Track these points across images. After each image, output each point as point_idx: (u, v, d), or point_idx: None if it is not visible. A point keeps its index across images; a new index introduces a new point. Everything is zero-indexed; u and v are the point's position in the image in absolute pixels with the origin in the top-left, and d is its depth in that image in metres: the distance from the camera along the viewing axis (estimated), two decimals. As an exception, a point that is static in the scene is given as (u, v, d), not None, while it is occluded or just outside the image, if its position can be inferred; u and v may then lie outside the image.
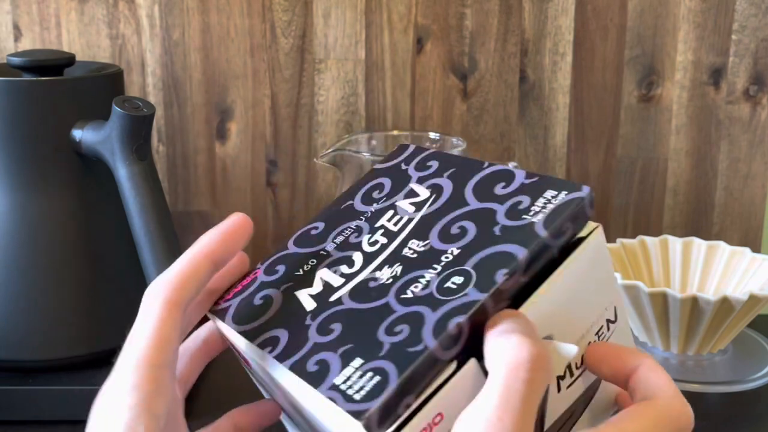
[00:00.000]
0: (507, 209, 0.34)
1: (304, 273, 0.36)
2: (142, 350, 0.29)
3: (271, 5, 0.76)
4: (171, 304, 0.30)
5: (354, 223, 0.38)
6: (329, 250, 0.36)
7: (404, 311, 0.31)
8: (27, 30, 0.76)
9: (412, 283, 0.32)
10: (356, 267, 0.35)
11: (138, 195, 0.53)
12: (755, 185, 0.80)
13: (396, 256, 0.34)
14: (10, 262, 0.57)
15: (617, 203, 0.81)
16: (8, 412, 0.57)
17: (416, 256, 0.34)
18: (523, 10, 0.77)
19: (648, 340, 0.68)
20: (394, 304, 0.31)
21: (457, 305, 0.30)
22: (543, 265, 0.32)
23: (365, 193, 0.39)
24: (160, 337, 0.29)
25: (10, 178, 0.57)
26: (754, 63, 0.77)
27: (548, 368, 0.27)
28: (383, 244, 0.35)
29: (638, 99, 0.79)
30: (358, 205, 0.39)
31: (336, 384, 0.29)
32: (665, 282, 0.72)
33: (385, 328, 0.30)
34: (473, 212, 0.35)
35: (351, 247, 0.36)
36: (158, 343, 0.29)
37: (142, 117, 0.53)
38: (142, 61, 0.77)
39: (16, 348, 0.57)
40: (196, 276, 0.31)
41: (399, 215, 0.37)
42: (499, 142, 0.80)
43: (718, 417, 0.61)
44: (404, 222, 0.36)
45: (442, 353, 0.29)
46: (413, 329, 0.30)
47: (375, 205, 0.38)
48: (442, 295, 0.31)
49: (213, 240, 0.33)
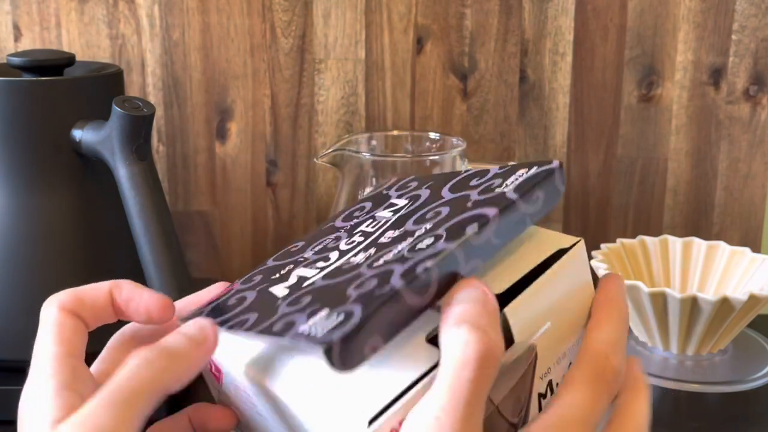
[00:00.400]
0: (480, 190, 0.34)
1: (280, 275, 0.36)
2: (50, 346, 0.32)
3: (271, 5, 0.76)
4: (65, 310, 0.33)
5: (333, 235, 0.38)
6: (307, 257, 0.37)
7: (375, 272, 0.30)
8: (27, 30, 0.76)
9: (384, 255, 0.32)
10: (332, 260, 0.35)
11: (138, 195, 0.53)
12: (755, 185, 0.80)
13: (372, 244, 0.34)
14: (10, 261, 0.57)
15: (617, 203, 0.81)
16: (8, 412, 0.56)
17: (390, 240, 0.33)
18: (523, 10, 0.77)
19: (648, 340, 0.68)
20: (365, 271, 0.31)
21: (426, 255, 0.30)
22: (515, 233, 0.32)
23: (347, 215, 0.40)
24: (61, 333, 0.32)
25: (10, 178, 0.57)
26: (754, 63, 0.77)
27: (495, 364, 0.27)
28: (360, 241, 0.35)
29: (638, 99, 0.79)
30: (338, 224, 0.39)
31: (301, 331, 0.28)
32: (665, 282, 0.72)
33: (355, 286, 0.30)
34: (448, 200, 0.35)
35: (328, 250, 0.36)
36: (61, 338, 0.32)
37: (142, 117, 0.53)
38: (142, 61, 0.77)
39: (16, 348, 0.57)
40: (92, 295, 0.34)
41: (377, 221, 0.37)
42: (499, 142, 0.80)
43: (718, 417, 0.61)
44: (382, 223, 0.36)
45: (410, 297, 0.28)
46: (382, 279, 0.29)
47: (355, 220, 0.38)
48: (411, 254, 0.31)
49: (122, 282, 0.35)
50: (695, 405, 0.62)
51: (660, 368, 0.65)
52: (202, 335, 0.31)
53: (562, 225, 0.81)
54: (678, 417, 0.61)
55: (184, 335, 0.30)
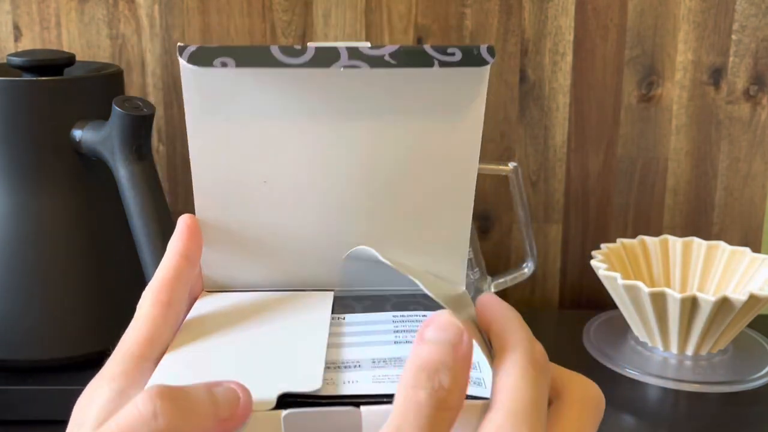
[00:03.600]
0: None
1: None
2: (131, 344, 0.30)
3: (271, 5, 0.76)
4: (160, 303, 0.32)
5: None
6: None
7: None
8: (27, 30, 0.76)
9: None
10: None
11: (138, 195, 0.53)
12: (755, 185, 0.80)
13: None
14: (9, 261, 0.57)
15: (617, 203, 0.81)
16: (8, 412, 0.57)
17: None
18: (523, 10, 0.77)
19: (648, 340, 0.68)
20: None
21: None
22: (416, 64, 0.31)
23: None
24: (149, 331, 0.31)
25: (10, 178, 0.57)
26: (754, 63, 0.77)
27: (449, 417, 0.26)
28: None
29: (638, 99, 0.79)
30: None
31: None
32: (665, 282, 0.72)
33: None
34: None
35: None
36: (147, 337, 0.30)
37: (142, 117, 0.53)
38: (142, 61, 0.77)
39: (16, 348, 0.57)
40: (178, 275, 0.33)
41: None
42: (499, 142, 0.80)
43: (718, 417, 0.61)
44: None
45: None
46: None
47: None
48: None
49: (182, 240, 0.34)
50: (695, 405, 0.62)
51: (660, 368, 0.65)
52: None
53: (562, 225, 0.82)
54: (678, 417, 0.61)
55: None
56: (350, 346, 0.31)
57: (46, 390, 0.56)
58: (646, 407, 0.62)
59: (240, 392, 0.27)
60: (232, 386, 0.27)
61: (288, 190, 0.35)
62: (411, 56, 0.31)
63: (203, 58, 0.32)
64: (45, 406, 0.56)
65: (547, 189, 0.81)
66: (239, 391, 0.27)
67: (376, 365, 0.29)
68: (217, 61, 0.31)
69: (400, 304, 0.35)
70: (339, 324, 0.33)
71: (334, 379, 0.28)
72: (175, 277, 0.33)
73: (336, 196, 0.35)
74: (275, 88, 0.32)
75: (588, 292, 0.83)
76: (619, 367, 0.65)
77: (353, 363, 0.29)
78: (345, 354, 0.30)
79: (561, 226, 0.82)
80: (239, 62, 0.31)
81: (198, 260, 0.35)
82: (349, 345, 0.31)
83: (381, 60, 0.31)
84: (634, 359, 0.66)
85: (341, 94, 0.32)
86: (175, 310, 0.32)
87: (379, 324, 0.33)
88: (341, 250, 0.36)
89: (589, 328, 0.72)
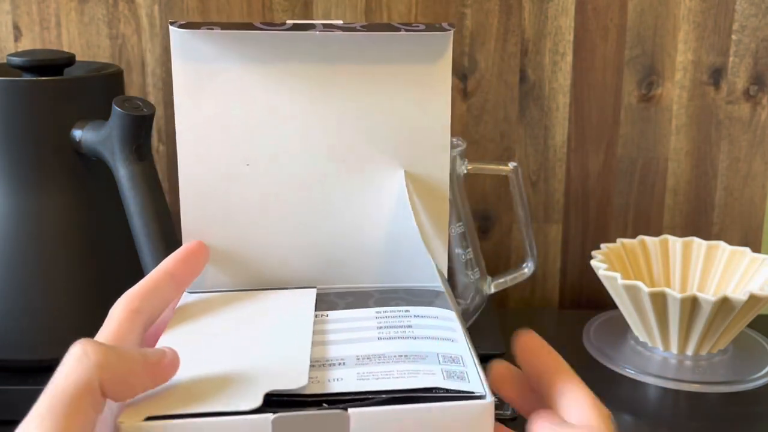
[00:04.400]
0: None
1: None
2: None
3: (271, 5, 0.76)
4: (130, 311, 0.32)
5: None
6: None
7: None
8: (27, 30, 0.76)
9: None
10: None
11: (138, 195, 0.53)
12: (755, 185, 0.80)
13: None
14: (10, 261, 0.57)
15: (617, 203, 0.81)
16: (8, 412, 0.56)
17: None
18: (523, 10, 0.77)
19: (648, 340, 0.68)
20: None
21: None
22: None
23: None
24: (117, 336, 0.31)
25: (10, 178, 0.57)
26: (754, 63, 0.77)
27: None
28: None
29: (638, 99, 0.79)
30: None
31: None
32: (665, 282, 0.72)
33: None
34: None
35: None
36: (114, 340, 0.31)
37: (142, 117, 0.53)
38: (142, 61, 0.77)
39: (16, 348, 0.57)
40: (155, 288, 0.33)
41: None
42: (499, 142, 0.80)
43: (718, 417, 0.61)
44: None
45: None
46: None
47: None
48: None
49: (174, 260, 0.35)
50: (695, 405, 0.62)
51: (660, 368, 0.65)
52: (156, 357, 0.28)
53: (562, 225, 0.82)
54: (678, 417, 0.61)
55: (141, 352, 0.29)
56: (334, 343, 0.31)
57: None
58: (646, 407, 0.62)
59: (167, 351, 0.29)
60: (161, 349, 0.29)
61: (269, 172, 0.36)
62: (380, 26, 0.35)
63: (192, 25, 0.34)
64: (45, 406, 0.56)
65: (547, 189, 0.81)
66: (166, 351, 0.29)
67: (360, 362, 0.29)
68: (204, 27, 0.34)
69: (382, 300, 0.35)
70: (322, 321, 0.33)
71: (320, 378, 0.28)
72: (152, 288, 0.33)
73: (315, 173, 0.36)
74: (257, 54, 0.35)
75: (588, 292, 0.83)
76: (619, 367, 0.65)
77: (338, 360, 0.30)
78: (329, 351, 0.31)
79: (561, 226, 0.82)
80: (224, 27, 0.34)
81: (185, 284, 0.35)
82: (333, 342, 0.31)
83: (353, 28, 0.34)
84: (634, 359, 0.66)
85: (318, 58, 0.35)
86: (142, 319, 0.32)
87: (361, 321, 0.33)
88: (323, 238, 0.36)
89: (589, 328, 0.72)
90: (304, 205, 0.36)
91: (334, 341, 0.31)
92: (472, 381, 0.28)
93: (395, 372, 0.29)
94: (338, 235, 0.36)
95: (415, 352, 0.30)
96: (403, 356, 0.30)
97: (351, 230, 0.36)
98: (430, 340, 0.31)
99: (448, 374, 0.28)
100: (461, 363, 0.29)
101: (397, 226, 0.37)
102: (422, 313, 0.34)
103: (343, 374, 0.29)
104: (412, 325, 0.32)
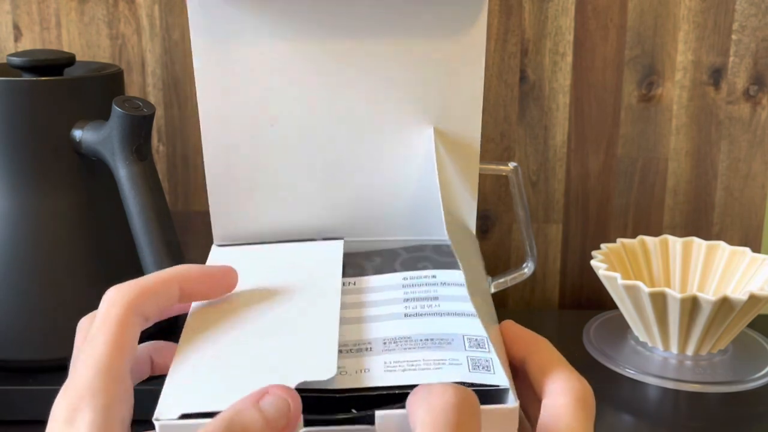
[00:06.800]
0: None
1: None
2: (103, 355, 0.28)
3: (271, 5, 0.76)
4: (131, 310, 0.29)
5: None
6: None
7: None
8: (27, 30, 0.76)
9: None
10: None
11: (138, 195, 0.53)
12: (755, 185, 0.80)
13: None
14: (9, 261, 0.57)
15: (617, 203, 0.81)
16: (8, 412, 0.57)
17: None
18: (523, 10, 0.77)
19: (648, 340, 0.68)
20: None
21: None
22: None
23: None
24: (121, 342, 0.28)
25: (10, 178, 0.57)
26: (754, 63, 0.77)
27: None
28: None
29: (638, 99, 0.79)
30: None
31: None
32: (665, 282, 0.72)
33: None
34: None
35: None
36: (119, 348, 0.28)
37: (142, 117, 0.53)
38: (142, 61, 0.77)
39: (16, 348, 0.57)
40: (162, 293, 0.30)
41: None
42: (499, 142, 0.80)
43: (718, 417, 0.61)
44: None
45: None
46: None
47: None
48: None
49: (190, 271, 0.31)
50: (695, 405, 0.62)
51: (660, 368, 0.65)
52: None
53: (562, 225, 0.82)
54: (678, 417, 0.61)
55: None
56: (361, 321, 0.31)
57: (46, 390, 0.56)
58: (646, 407, 0.62)
59: (289, 398, 0.26)
60: (278, 392, 0.26)
61: (295, 131, 0.35)
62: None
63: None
64: (45, 406, 0.56)
65: (547, 189, 0.81)
66: (288, 398, 0.26)
67: (386, 348, 0.30)
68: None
69: (409, 261, 0.35)
70: (350, 291, 0.33)
71: (347, 368, 0.29)
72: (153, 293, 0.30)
73: (342, 132, 0.35)
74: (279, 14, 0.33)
75: (588, 292, 0.83)
76: (619, 367, 0.65)
77: (365, 345, 0.30)
78: (356, 332, 0.31)
79: (561, 226, 0.82)
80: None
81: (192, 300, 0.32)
82: (360, 321, 0.31)
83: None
84: (634, 359, 0.66)
85: (346, 14, 0.34)
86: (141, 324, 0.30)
87: (388, 291, 0.33)
88: (351, 192, 0.36)
89: (589, 328, 0.72)
90: (331, 161, 0.36)
91: (360, 319, 0.32)
92: (497, 372, 0.28)
93: (421, 362, 0.29)
94: (366, 188, 0.36)
95: (441, 335, 0.30)
96: (429, 340, 0.30)
97: (379, 184, 0.36)
98: (455, 317, 0.31)
99: (473, 364, 0.28)
100: (486, 347, 0.29)
101: (426, 181, 0.36)
102: (448, 279, 0.34)
103: (370, 363, 0.29)
104: (438, 296, 0.33)
